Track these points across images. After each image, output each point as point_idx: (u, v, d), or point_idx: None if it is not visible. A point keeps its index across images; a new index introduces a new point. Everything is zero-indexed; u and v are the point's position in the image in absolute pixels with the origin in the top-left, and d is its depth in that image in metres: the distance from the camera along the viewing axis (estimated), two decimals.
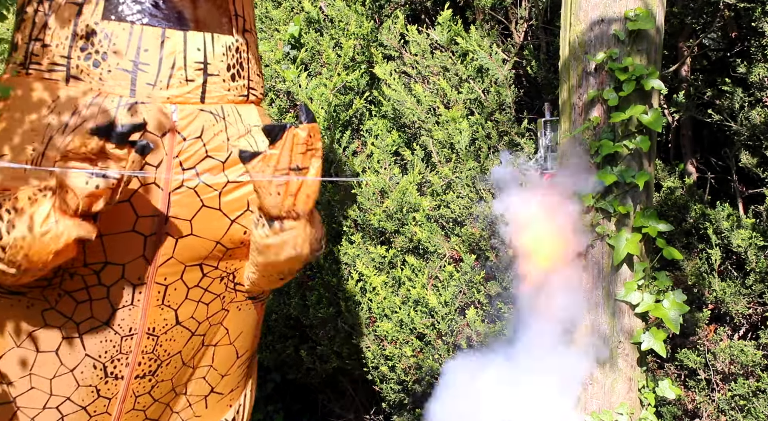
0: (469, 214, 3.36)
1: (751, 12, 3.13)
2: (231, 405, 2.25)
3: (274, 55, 3.83)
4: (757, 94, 3.15)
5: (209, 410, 2.18)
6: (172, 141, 1.81)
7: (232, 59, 1.93)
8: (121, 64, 1.78)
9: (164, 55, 1.81)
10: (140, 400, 2.00)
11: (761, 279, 2.93)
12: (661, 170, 3.39)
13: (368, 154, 3.66)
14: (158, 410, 2.07)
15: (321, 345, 3.67)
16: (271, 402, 4.24)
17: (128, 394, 1.96)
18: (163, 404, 2.07)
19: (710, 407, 2.95)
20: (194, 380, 2.12)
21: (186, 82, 1.83)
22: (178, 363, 2.02)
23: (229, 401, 2.24)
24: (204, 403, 2.16)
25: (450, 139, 3.43)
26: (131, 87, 1.78)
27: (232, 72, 1.93)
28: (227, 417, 2.24)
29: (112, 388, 1.93)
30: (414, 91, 3.54)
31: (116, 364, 1.91)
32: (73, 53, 1.78)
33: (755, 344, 2.91)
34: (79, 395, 1.90)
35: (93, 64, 1.78)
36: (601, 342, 2.73)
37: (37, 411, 1.88)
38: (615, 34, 2.68)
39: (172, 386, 2.06)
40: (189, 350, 2.03)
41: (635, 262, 2.71)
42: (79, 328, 1.85)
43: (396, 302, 3.43)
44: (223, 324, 2.09)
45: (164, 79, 1.81)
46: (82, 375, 1.88)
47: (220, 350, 2.12)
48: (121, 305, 1.86)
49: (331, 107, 3.59)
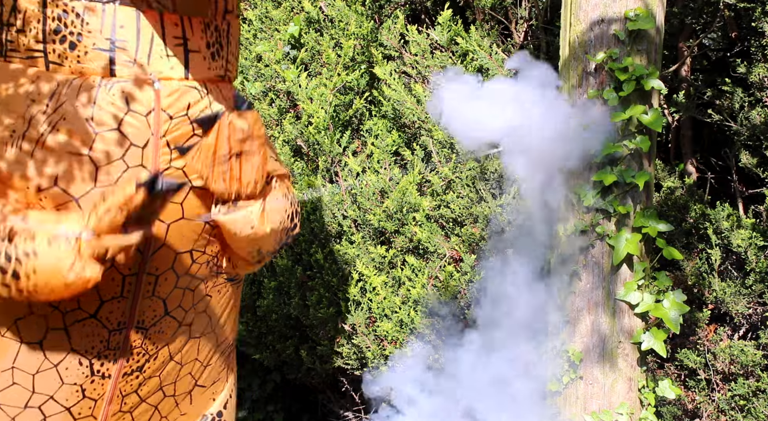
0: (469, 214, 3.36)
1: (751, 12, 3.13)
2: (214, 398, 2.19)
3: (274, 55, 3.82)
4: (757, 94, 3.15)
5: (193, 405, 2.12)
6: (158, 119, 1.75)
7: (212, 37, 1.87)
8: (97, 43, 1.72)
9: (142, 30, 1.74)
10: (127, 400, 1.94)
11: (761, 279, 2.93)
12: (661, 170, 3.39)
13: (368, 154, 3.66)
14: (147, 412, 2.01)
15: (321, 345, 3.67)
16: (271, 402, 4.24)
17: (115, 394, 1.90)
18: (151, 407, 2.01)
19: (710, 407, 2.95)
20: (181, 379, 2.06)
21: (167, 57, 1.77)
22: (166, 357, 1.97)
23: (211, 395, 2.18)
24: (189, 398, 2.10)
25: (450, 139, 3.43)
26: (110, 66, 1.73)
27: (212, 50, 1.87)
28: (212, 411, 2.17)
29: (98, 388, 1.86)
30: (414, 91, 3.54)
31: (103, 361, 1.84)
32: (48, 37, 1.72)
33: (755, 344, 2.92)
34: (63, 394, 1.83)
35: (69, 46, 1.72)
36: (601, 342, 2.73)
37: (19, 410, 1.80)
38: (615, 34, 2.68)
39: (160, 385, 2.00)
40: (176, 342, 1.98)
41: (635, 262, 2.71)
42: (65, 318, 1.78)
43: (396, 302, 3.43)
44: (207, 312, 2.04)
45: (144, 56, 1.75)
46: (66, 372, 1.82)
47: (205, 339, 2.07)
48: (110, 297, 1.80)
49: (331, 107, 3.59)
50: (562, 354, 2.79)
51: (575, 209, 2.78)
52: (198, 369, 2.10)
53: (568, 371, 2.77)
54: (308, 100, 3.63)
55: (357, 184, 3.57)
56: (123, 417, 1.96)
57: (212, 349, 2.12)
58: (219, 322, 2.11)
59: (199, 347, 2.06)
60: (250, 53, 3.95)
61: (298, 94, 3.66)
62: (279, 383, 4.21)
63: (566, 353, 2.78)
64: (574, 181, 2.76)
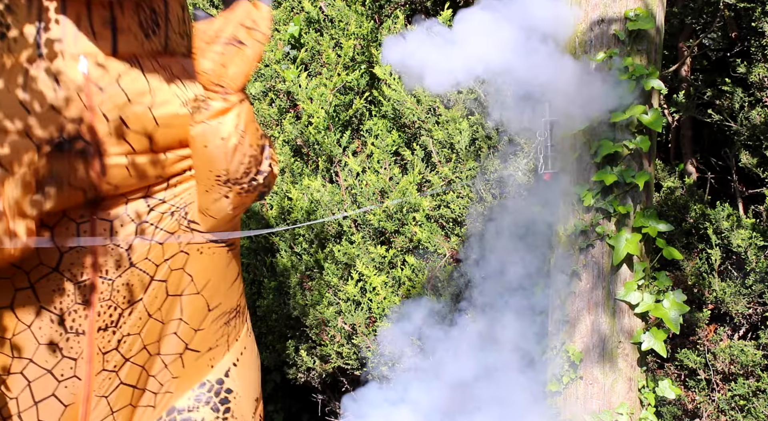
0: (469, 214, 3.36)
1: (751, 12, 3.13)
2: (212, 365, 2.17)
3: (274, 55, 3.83)
4: (757, 94, 3.16)
5: (187, 369, 2.10)
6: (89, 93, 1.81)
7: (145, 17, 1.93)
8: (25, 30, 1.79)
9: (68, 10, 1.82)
10: (109, 358, 1.94)
11: (761, 279, 2.93)
12: (661, 170, 3.39)
13: (368, 154, 3.66)
14: (134, 374, 2.00)
15: (321, 345, 3.67)
16: (271, 402, 4.24)
17: (94, 351, 1.90)
18: (138, 367, 2.00)
19: (710, 407, 2.95)
20: (166, 338, 2.05)
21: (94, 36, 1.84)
22: (143, 314, 1.97)
23: (209, 362, 2.15)
24: (180, 361, 2.08)
25: (450, 139, 3.43)
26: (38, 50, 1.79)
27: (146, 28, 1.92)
28: (210, 378, 2.15)
29: (75, 346, 1.88)
30: (414, 91, 3.54)
31: (74, 317, 1.86)
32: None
33: (755, 344, 2.92)
34: (42, 355, 1.84)
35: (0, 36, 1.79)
36: (601, 342, 2.74)
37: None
38: (615, 34, 2.68)
39: (143, 344, 2.00)
40: (152, 298, 1.98)
41: (635, 262, 2.71)
42: (29, 277, 1.82)
43: (396, 302, 3.43)
44: (186, 270, 2.03)
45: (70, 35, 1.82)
46: (40, 332, 1.83)
47: (188, 300, 2.05)
48: (68, 248, 1.84)
49: (331, 107, 3.59)
50: (562, 354, 2.79)
51: (575, 209, 2.78)
52: (185, 331, 2.07)
53: (568, 371, 2.77)
54: (308, 100, 3.63)
55: (357, 184, 3.57)
56: (110, 377, 1.96)
57: (202, 313, 2.10)
58: (206, 285, 2.09)
59: (181, 306, 2.05)
60: None
61: (298, 94, 3.66)
62: (279, 383, 4.21)
63: (566, 353, 2.78)
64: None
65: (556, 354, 2.82)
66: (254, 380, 2.31)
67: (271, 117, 3.82)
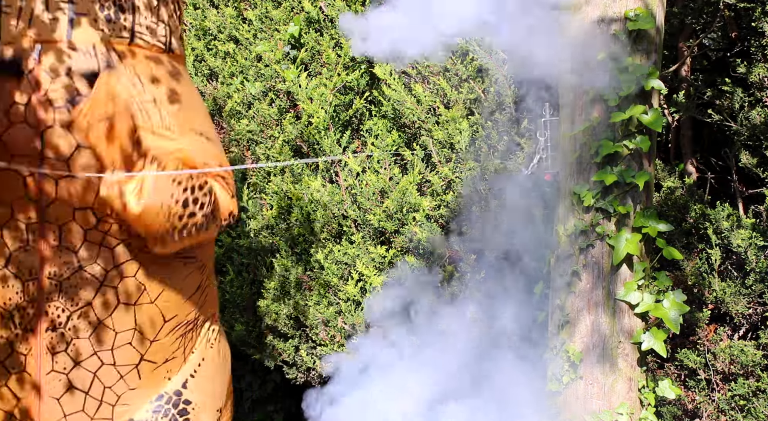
0: (469, 214, 3.36)
1: (751, 12, 3.13)
2: (169, 377, 2.17)
3: (274, 55, 3.83)
4: (757, 94, 3.16)
5: (143, 380, 2.11)
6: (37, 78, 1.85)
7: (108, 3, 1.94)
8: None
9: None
10: (58, 359, 1.98)
11: (761, 279, 2.93)
12: (661, 170, 3.39)
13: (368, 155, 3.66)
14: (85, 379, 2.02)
15: (321, 345, 3.67)
16: (271, 402, 4.24)
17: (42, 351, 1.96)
18: (89, 373, 2.02)
19: (710, 407, 2.95)
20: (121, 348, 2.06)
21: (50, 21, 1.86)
22: (92, 318, 1.99)
23: (166, 373, 2.16)
24: (136, 372, 2.09)
25: (450, 139, 3.43)
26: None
27: (108, 13, 1.93)
28: (167, 390, 2.15)
29: (24, 343, 1.95)
30: (414, 91, 3.54)
31: (23, 313, 1.93)
32: None
33: (755, 344, 2.92)
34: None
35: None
36: (601, 342, 2.73)
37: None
38: (615, 34, 2.67)
39: (93, 350, 2.01)
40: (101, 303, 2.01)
41: (635, 262, 2.71)
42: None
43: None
44: (137, 278, 2.05)
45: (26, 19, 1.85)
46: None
47: (142, 310, 2.07)
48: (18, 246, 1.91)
49: (331, 107, 3.59)
50: (562, 354, 2.79)
51: (575, 209, 2.78)
52: (140, 341, 2.08)
53: (568, 371, 2.77)
54: (308, 100, 3.63)
55: (357, 184, 3.57)
56: (59, 378, 1.99)
57: (157, 324, 2.11)
58: (160, 295, 2.10)
59: (135, 316, 2.05)
60: (250, 53, 3.95)
61: (298, 94, 3.66)
62: (279, 383, 4.21)
63: (566, 353, 2.78)
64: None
65: (556, 354, 2.82)
66: (216, 391, 2.29)
67: (271, 117, 3.82)
